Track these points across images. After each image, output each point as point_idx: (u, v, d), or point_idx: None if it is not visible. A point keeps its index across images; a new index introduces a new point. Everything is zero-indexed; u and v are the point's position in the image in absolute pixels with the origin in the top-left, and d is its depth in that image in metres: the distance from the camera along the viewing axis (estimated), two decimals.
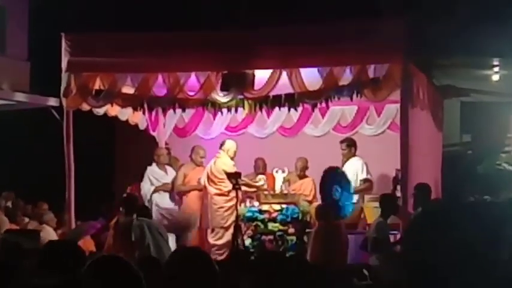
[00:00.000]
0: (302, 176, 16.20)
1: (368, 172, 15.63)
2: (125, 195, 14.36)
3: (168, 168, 16.17)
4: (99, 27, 16.09)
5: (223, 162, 15.30)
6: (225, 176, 15.03)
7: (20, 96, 18.89)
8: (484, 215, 1.73)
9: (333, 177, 14.75)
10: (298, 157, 16.26)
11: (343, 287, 6.36)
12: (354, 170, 15.58)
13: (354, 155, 15.81)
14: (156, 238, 12.93)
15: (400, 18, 13.69)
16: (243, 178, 15.24)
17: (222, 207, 15.24)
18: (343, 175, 14.81)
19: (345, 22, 14.32)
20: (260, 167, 16.43)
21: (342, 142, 16.04)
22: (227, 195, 15.18)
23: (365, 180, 15.55)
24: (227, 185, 15.08)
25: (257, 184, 15.71)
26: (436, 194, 15.01)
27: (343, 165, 15.72)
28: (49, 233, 14.50)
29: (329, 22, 14.90)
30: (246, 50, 13.86)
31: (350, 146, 15.87)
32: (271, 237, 14.75)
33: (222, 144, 15.70)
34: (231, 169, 15.09)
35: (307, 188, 15.99)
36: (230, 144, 15.65)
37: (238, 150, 15.70)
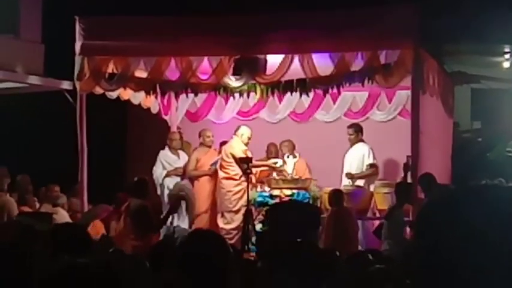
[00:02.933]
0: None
1: (374, 157, 15.61)
2: (136, 179, 14.33)
3: (181, 152, 16.19)
4: (113, 11, 16.07)
5: (232, 146, 15.34)
6: (232, 160, 15.07)
7: (34, 79, 18.86)
8: (495, 198, 1.67)
9: None
10: (282, 141, 16.27)
11: (353, 271, 6.33)
12: (360, 154, 15.59)
13: (361, 140, 15.80)
14: None
15: (411, 4, 13.66)
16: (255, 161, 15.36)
17: (230, 191, 15.26)
18: None
19: (357, 8, 14.30)
20: (272, 152, 16.44)
21: (349, 127, 16.05)
22: (235, 180, 15.19)
23: (371, 165, 15.55)
24: (235, 169, 15.12)
25: (269, 162, 15.73)
26: (446, 180, 15.00)
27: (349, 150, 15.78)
28: (63, 216, 14.51)
29: (341, 7, 14.89)
30: (258, 35, 13.89)
31: (357, 132, 15.88)
32: None
33: (236, 130, 15.73)
34: (240, 154, 15.12)
35: (300, 169, 15.97)
36: (244, 130, 15.66)
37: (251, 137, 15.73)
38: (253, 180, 15.39)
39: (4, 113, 19.32)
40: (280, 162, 15.79)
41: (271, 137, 16.64)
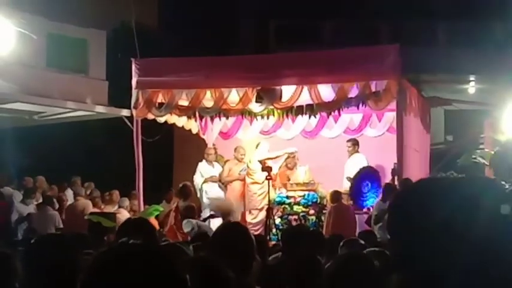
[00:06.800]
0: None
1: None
2: (180, 185, 14.44)
3: (215, 164, 16.20)
4: (161, 54, 16.20)
5: (258, 156, 15.47)
6: (257, 168, 15.16)
7: (100, 108, 19.04)
8: (445, 187, 1.61)
9: (366, 175, 14.65)
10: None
11: (348, 251, 6.37)
12: (357, 163, 15.52)
13: (357, 152, 15.80)
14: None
15: (395, 44, 13.70)
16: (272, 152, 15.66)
17: (255, 193, 15.33)
18: (377, 176, 14.76)
19: (354, 48, 14.37)
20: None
21: (348, 141, 16.01)
22: (259, 184, 15.27)
23: None
24: (259, 176, 15.19)
25: (287, 150, 15.83)
26: None
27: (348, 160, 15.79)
28: (125, 215, 14.65)
29: (341, 48, 14.96)
30: (275, 71, 13.94)
31: (354, 145, 15.84)
32: (295, 217, 14.75)
33: (257, 145, 15.85)
34: (264, 156, 15.36)
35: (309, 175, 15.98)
36: (263, 144, 15.84)
37: (270, 150, 15.84)
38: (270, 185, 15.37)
39: (77, 135, 19.55)
40: (295, 149, 15.91)
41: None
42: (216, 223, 13.77)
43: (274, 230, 14.29)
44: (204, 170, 16.02)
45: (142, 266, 2.01)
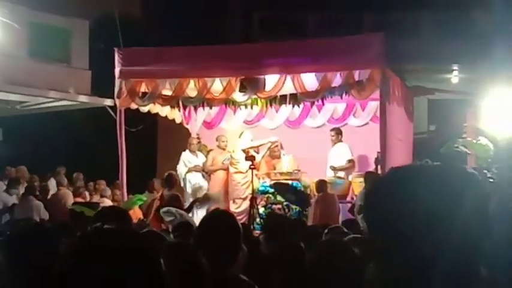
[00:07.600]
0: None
1: (351, 154, 15.66)
2: (166, 174, 14.38)
3: (198, 153, 16.20)
4: (144, 44, 16.13)
5: (239, 146, 15.49)
6: (240, 158, 15.15)
7: (83, 98, 18.98)
8: (418, 175, 1.58)
9: None
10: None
11: (331, 239, 6.36)
12: (341, 152, 15.60)
13: (341, 141, 15.83)
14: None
15: (378, 34, 13.68)
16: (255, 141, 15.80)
17: (239, 183, 15.35)
18: None
19: (337, 38, 14.33)
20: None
21: (331, 131, 16.04)
22: (243, 173, 15.27)
23: (349, 161, 15.56)
24: (242, 166, 15.19)
25: (269, 139, 15.85)
26: None
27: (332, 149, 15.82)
28: (108, 204, 14.60)
29: (325, 38, 14.93)
30: (258, 60, 13.88)
31: (338, 134, 15.88)
32: (279, 206, 14.75)
33: (240, 134, 15.83)
34: (247, 145, 15.50)
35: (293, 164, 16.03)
36: (247, 133, 15.82)
37: (254, 139, 15.84)
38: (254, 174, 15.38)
39: (60, 125, 19.47)
40: (276, 138, 15.98)
41: None
42: (200, 213, 13.82)
43: (258, 220, 14.27)
44: (187, 160, 15.98)
45: (117, 254, 1.97)
